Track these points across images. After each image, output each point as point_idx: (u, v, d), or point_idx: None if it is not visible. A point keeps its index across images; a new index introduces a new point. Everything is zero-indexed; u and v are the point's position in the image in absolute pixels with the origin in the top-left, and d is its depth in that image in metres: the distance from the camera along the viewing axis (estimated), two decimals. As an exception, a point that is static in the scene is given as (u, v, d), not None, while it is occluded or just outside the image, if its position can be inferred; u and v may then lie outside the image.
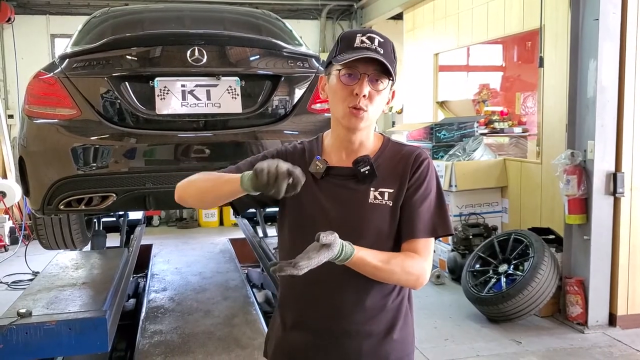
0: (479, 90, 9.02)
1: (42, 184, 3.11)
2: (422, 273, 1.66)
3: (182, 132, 3.22)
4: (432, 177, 1.71)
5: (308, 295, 1.71)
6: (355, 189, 1.68)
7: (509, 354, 4.33)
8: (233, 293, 4.40)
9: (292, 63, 3.40)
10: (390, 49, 1.64)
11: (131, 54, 3.21)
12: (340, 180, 1.69)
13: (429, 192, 1.69)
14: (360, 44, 1.61)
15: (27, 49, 8.87)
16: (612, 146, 4.67)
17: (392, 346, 1.71)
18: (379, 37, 1.63)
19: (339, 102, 1.64)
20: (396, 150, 1.73)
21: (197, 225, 9.44)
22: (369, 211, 1.66)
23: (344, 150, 1.72)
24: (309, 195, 1.68)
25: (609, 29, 4.56)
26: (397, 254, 1.66)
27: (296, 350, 1.75)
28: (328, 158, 1.72)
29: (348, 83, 1.62)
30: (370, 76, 1.61)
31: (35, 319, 2.72)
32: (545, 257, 4.77)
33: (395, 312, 1.73)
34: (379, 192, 1.67)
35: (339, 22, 10.43)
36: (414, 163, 1.69)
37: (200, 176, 1.76)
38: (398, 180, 1.68)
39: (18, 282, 6.20)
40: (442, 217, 1.71)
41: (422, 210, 1.67)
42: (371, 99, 1.62)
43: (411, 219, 1.67)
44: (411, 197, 1.67)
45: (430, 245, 1.71)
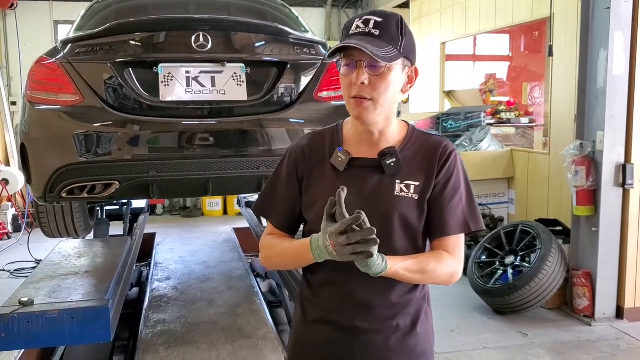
0: (485, 80, 8.96)
1: (44, 171, 3.07)
2: (455, 271, 1.63)
3: (187, 120, 3.17)
4: (460, 170, 1.65)
5: (334, 291, 1.66)
6: (380, 182, 1.61)
7: (515, 346, 4.30)
8: (237, 282, 4.37)
9: (299, 50, 3.35)
10: (394, 26, 1.55)
11: (135, 39, 3.16)
12: (364, 172, 1.63)
13: (458, 186, 1.63)
14: (355, 30, 1.55)
15: (30, 35, 8.83)
16: (622, 137, 4.61)
17: (417, 339, 1.67)
18: (377, 18, 1.54)
19: (344, 92, 1.60)
20: (422, 141, 1.66)
21: (201, 214, 9.43)
22: (394, 204, 1.59)
23: (365, 141, 1.65)
24: (331, 188, 1.60)
25: (620, 17, 4.49)
26: (428, 256, 1.61)
27: (319, 345, 1.70)
28: (349, 148, 1.66)
29: (347, 73, 1.57)
30: (366, 62, 1.53)
31: (38, 307, 2.68)
32: (552, 249, 4.73)
33: (419, 305, 1.69)
34: (404, 184, 1.60)
35: (344, 10, 10.37)
36: (442, 156, 1.63)
37: (275, 255, 1.74)
38: (424, 172, 1.62)
39: (20, 270, 6.20)
40: (473, 211, 1.66)
41: (452, 205, 1.62)
42: (373, 85, 1.54)
43: (442, 216, 1.62)
44: (441, 193, 1.62)
45: (461, 241, 1.66)
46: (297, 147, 1.74)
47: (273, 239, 1.74)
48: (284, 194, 1.72)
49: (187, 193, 5.45)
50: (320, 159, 1.68)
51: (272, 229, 1.77)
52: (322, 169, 1.67)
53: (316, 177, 1.68)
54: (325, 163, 1.67)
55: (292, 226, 1.75)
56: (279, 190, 1.74)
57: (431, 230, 1.64)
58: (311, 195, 1.67)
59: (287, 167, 1.73)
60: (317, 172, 1.68)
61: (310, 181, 1.68)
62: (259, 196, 1.84)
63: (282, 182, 1.73)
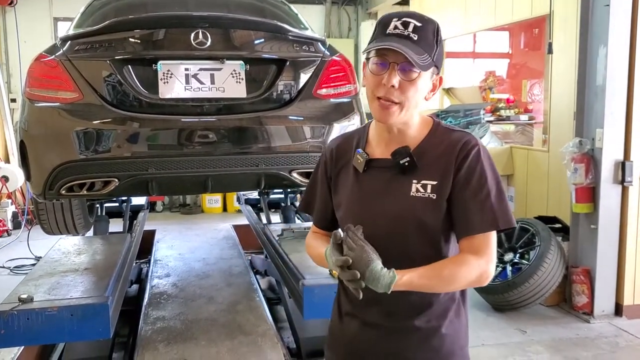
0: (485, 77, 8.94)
1: (44, 168, 3.08)
2: (483, 271, 1.53)
3: (186, 117, 3.17)
4: (485, 164, 1.56)
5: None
6: (397, 182, 1.59)
7: (514, 343, 4.31)
8: (236, 279, 4.37)
9: (298, 47, 3.35)
10: (430, 34, 1.53)
11: (134, 36, 3.16)
12: (381, 172, 1.62)
13: (483, 181, 1.54)
14: (393, 30, 1.51)
15: (29, 32, 8.81)
16: (621, 134, 4.62)
17: (442, 340, 1.63)
18: (416, 22, 1.51)
19: (369, 90, 1.56)
20: (444, 137, 1.61)
21: (200, 211, 9.43)
22: (410, 204, 1.56)
23: (384, 141, 1.64)
24: (352, 190, 1.65)
25: (619, 14, 4.49)
26: (446, 262, 1.56)
27: (350, 340, 1.73)
28: (371, 149, 1.66)
29: (377, 72, 1.53)
30: (400, 65, 1.50)
31: (37, 304, 2.69)
32: (551, 246, 4.74)
33: (446, 306, 1.64)
34: (421, 184, 1.56)
35: (344, 7, 10.36)
36: (461, 151, 1.56)
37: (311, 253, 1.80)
38: (442, 170, 1.56)
39: (20, 267, 6.20)
40: (502, 207, 1.54)
41: (476, 203, 1.53)
42: (403, 89, 1.51)
43: (465, 214, 1.55)
44: (462, 190, 1.54)
45: (490, 239, 1.55)
46: (328, 148, 1.79)
47: (312, 239, 1.81)
48: (320, 194, 1.79)
49: (187, 190, 5.44)
50: (347, 161, 1.71)
51: (314, 226, 1.85)
52: (347, 170, 1.70)
53: (342, 178, 1.72)
54: (350, 165, 1.69)
55: (329, 223, 1.79)
56: (316, 190, 1.81)
57: (455, 230, 1.59)
58: (338, 197, 1.71)
59: (321, 168, 1.79)
60: (343, 173, 1.72)
61: (337, 182, 1.73)
62: (302, 196, 1.92)
63: (318, 183, 1.80)
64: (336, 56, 3.45)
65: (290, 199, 5.41)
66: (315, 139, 3.31)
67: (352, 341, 1.73)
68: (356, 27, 10.45)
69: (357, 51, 10.31)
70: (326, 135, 3.33)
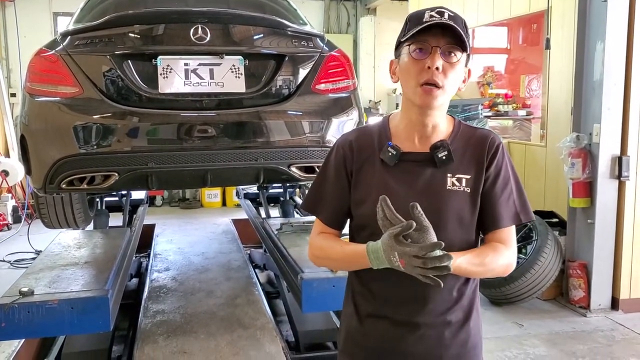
0: (483, 72, 8.95)
1: (44, 162, 3.09)
2: (510, 262, 1.63)
3: (185, 112, 3.19)
4: (508, 162, 1.65)
5: (387, 286, 1.65)
6: (431, 176, 1.61)
7: (511, 336, 4.33)
8: (235, 273, 4.40)
9: (297, 42, 3.36)
10: (462, 23, 1.56)
11: (134, 31, 3.17)
12: (414, 166, 1.62)
13: (508, 178, 1.64)
14: (429, 19, 1.53)
15: (29, 27, 8.82)
16: (618, 129, 4.64)
17: (468, 333, 1.67)
18: (449, 12, 1.55)
19: (411, 79, 1.57)
20: (469, 134, 1.67)
21: (200, 205, 9.45)
22: (447, 198, 1.59)
23: (416, 135, 1.65)
24: (381, 184, 1.62)
25: (617, 10, 4.51)
26: (486, 249, 1.61)
27: (373, 339, 1.69)
28: (399, 143, 1.64)
29: (419, 57, 1.54)
30: (442, 48, 1.53)
31: (38, 297, 2.71)
32: (548, 241, 4.76)
33: (471, 299, 1.69)
34: (456, 178, 1.60)
35: (343, 2, 10.36)
36: (490, 148, 1.63)
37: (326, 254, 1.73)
38: (474, 165, 1.62)
39: (20, 261, 6.23)
40: (523, 203, 1.65)
41: (504, 198, 1.62)
42: (445, 73, 1.54)
43: (494, 209, 1.62)
44: (492, 186, 1.62)
45: (514, 232, 1.67)
46: (345, 142, 1.72)
47: (324, 240, 1.73)
48: (332, 191, 1.72)
49: (186, 184, 5.46)
50: (370, 155, 1.67)
51: (321, 226, 1.76)
52: (372, 164, 1.66)
53: (366, 173, 1.67)
54: (375, 159, 1.66)
55: (341, 222, 1.75)
56: (326, 187, 1.73)
57: (485, 223, 1.64)
58: (361, 192, 1.66)
59: (335, 164, 1.72)
60: (366, 168, 1.67)
61: (359, 177, 1.68)
62: (307, 194, 1.83)
63: (329, 179, 1.73)
64: (335, 51, 3.46)
65: (289, 193, 5.44)
66: (314, 134, 3.32)
67: (376, 342, 1.69)
68: (355, 22, 10.45)
69: (355, 46, 10.32)
70: (325, 130, 3.34)
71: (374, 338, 1.69)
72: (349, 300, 1.78)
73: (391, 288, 1.64)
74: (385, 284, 1.64)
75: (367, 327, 1.71)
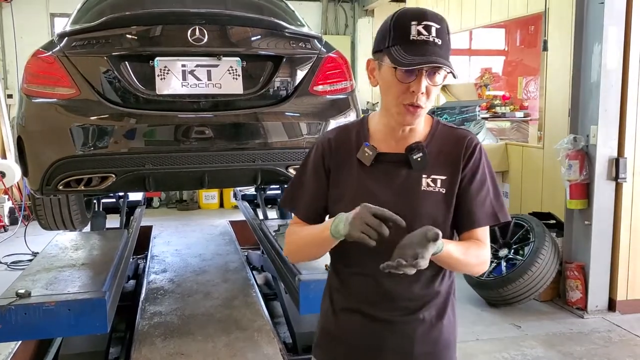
0: (481, 74, 8.96)
1: (41, 164, 3.09)
2: (487, 260, 1.67)
3: (183, 113, 3.19)
4: (485, 163, 1.66)
5: (362, 282, 1.66)
6: (407, 176, 1.62)
7: (508, 338, 4.34)
8: (233, 275, 4.40)
9: (294, 44, 3.37)
10: (447, 34, 1.54)
11: (131, 32, 3.17)
12: (390, 167, 1.63)
13: (484, 178, 1.64)
14: (417, 36, 1.50)
15: (26, 28, 8.81)
16: (615, 131, 4.64)
17: (441, 331, 1.69)
18: (435, 24, 1.52)
19: (394, 97, 1.56)
20: (446, 134, 1.67)
21: (197, 207, 9.44)
22: (422, 199, 1.60)
23: (393, 137, 1.65)
24: (358, 183, 1.63)
25: (614, 12, 4.52)
26: (469, 243, 1.63)
27: (347, 334, 1.71)
28: (376, 143, 1.65)
29: (404, 80, 1.52)
30: (427, 71, 1.52)
31: (35, 299, 2.71)
32: (545, 242, 4.77)
33: (446, 297, 1.70)
34: (431, 179, 1.61)
35: (340, 4, 10.37)
36: (467, 149, 1.64)
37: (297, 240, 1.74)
38: (450, 166, 1.63)
39: (17, 263, 6.21)
40: (500, 203, 1.67)
41: (480, 198, 1.63)
42: (428, 94, 1.54)
43: (470, 209, 1.63)
44: (468, 186, 1.63)
45: (488, 231, 1.68)
46: (324, 140, 1.74)
47: (297, 227, 1.75)
48: (310, 187, 1.73)
49: (183, 186, 5.46)
50: (347, 153, 1.68)
51: (298, 222, 1.77)
52: (349, 163, 1.67)
53: (343, 171, 1.68)
54: (352, 158, 1.67)
55: (318, 219, 1.73)
56: (305, 183, 1.74)
57: (460, 222, 1.65)
58: (338, 190, 1.67)
59: (313, 160, 1.73)
60: (344, 166, 1.68)
61: (337, 175, 1.69)
62: (285, 191, 1.84)
63: (308, 175, 1.73)
64: (332, 53, 3.47)
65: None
66: (312, 135, 3.32)
67: (350, 336, 1.71)
68: (353, 24, 10.46)
69: (353, 48, 10.33)
70: (322, 132, 3.34)
71: (348, 332, 1.71)
72: (325, 297, 1.81)
73: (366, 284, 1.65)
74: (363, 280, 1.66)
75: (341, 321, 1.73)
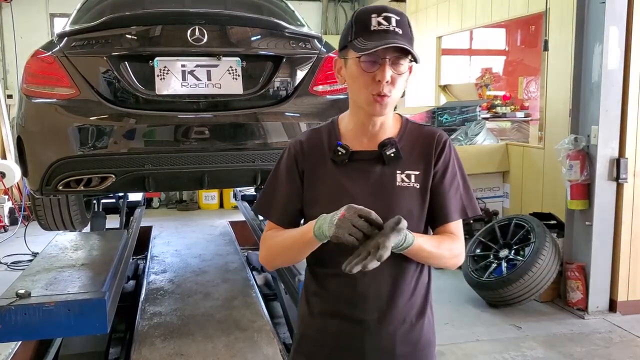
0: (481, 74, 8.97)
1: (41, 164, 3.08)
2: (461, 253, 1.69)
3: (182, 113, 3.18)
4: (455, 158, 1.69)
5: (341, 284, 1.65)
6: (381, 173, 1.63)
7: (509, 338, 4.33)
8: (233, 276, 4.39)
9: (294, 44, 3.36)
10: (407, 25, 1.57)
11: (131, 33, 3.17)
12: (364, 164, 1.65)
13: (455, 173, 1.68)
14: (377, 27, 1.53)
15: (26, 28, 8.81)
16: (616, 131, 4.63)
17: (421, 331, 1.70)
18: (395, 16, 1.55)
19: (361, 89, 1.58)
20: (416, 131, 1.70)
21: (197, 207, 9.44)
22: (397, 194, 1.62)
23: (365, 134, 1.67)
24: (334, 183, 1.64)
25: (615, 12, 4.50)
26: (443, 236, 1.66)
27: (326, 337, 1.71)
28: (348, 142, 1.66)
29: (369, 70, 1.55)
30: (391, 60, 1.54)
31: (34, 299, 2.70)
32: (546, 243, 4.76)
33: (424, 297, 1.71)
34: (405, 174, 1.63)
35: (341, 4, 10.36)
36: (437, 145, 1.66)
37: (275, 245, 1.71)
38: (423, 162, 1.65)
39: (17, 263, 6.21)
40: (469, 197, 1.70)
41: (452, 192, 1.66)
42: (394, 82, 1.56)
43: (442, 203, 1.66)
44: (440, 181, 1.66)
45: (461, 225, 1.71)
46: (295, 143, 1.74)
47: (273, 232, 1.73)
48: (284, 191, 1.72)
49: (183, 186, 5.45)
50: (320, 155, 1.69)
51: (272, 226, 1.75)
52: (323, 165, 1.67)
53: (318, 173, 1.68)
54: (325, 159, 1.67)
55: (293, 222, 1.73)
56: (278, 188, 1.73)
57: (434, 217, 1.68)
58: (313, 192, 1.67)
59: (286, 164, 1.73)
60: (317, 168, 1.68)
61: (311, 177, 1.69)
62: (259, 196, 1.84)
63: (281, 179, 1.73)
64: (332, 53, 3.46)
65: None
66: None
67: (330, 340, 1.70)
68: (353, 23, 10.44)
69: (353, 48, 10.30)
70: None
71: (328, 335, 1.71)
72: (302, 301, 1.80)
73: (345, 286, 1.65)
74: (341, 282, 1.65)
75: (321, 325, 1.72)
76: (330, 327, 1.70)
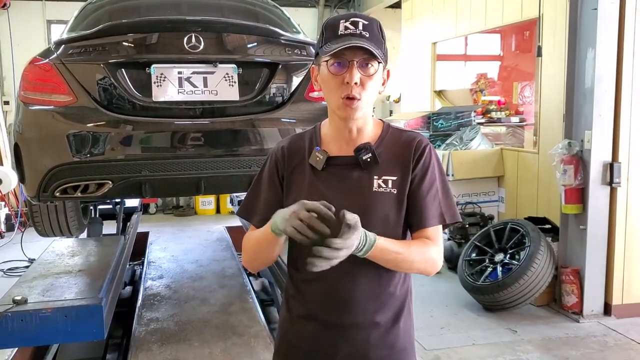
0: (476, 79, 9.00)
1: (38, 170, 3.09)
2: (437, 259, 1.67)
3: (179, 120, 3.20)
4: (435, 164, 1.69)
5: (317, 288, 1.68)
6: (358, 178, 1.65)
7: (504, 342, 4.35)
8: (229, 281, 4.39)
9: (290, 51, 3.38)
10: (377, 29, 1.60)
11: (127, 40, 3.19)
12: (342, 170, 1.66)
13: (434, 179, 1.67)
14: (344, 31, 1.57)
15: (23, 35, 8.81)
16: (609, 136, 4.67)
17: (397, 335, 1.70)
18: (363, 20, 1.58)
19: (332, 92, 1.62)
20: (397, 137, 1.71)
21: (193, 213, 9.44)
22: (374, 200, 1.63)
23: (343, 140, 1.69)
24: (310, 188, 1.66)
25: (607, 18, 4.55)
26: (414, 241, 1.66)
27: (304, 340, 1.73)
28: (327, 148, 1.69)
29: (337, 72, 1.59)
30: (359, 62, 1.57)
31: (31, 306, 2.70)
32: (541, 247, 4.79)
33: (402, 301, 1.72)
34: (382, 180, 1.64)
35: (337, 10, 10.39)
36: (416, 150, 1.66)
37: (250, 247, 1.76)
38: (401, 167, 1.65)
39: (14, 269, 6.21)
40: (448, 203, 1.69)
41: (430, 198, 1.65)
42: (363, 85, 1.58)
43: (420, 209, 1.65)
44: (418, 186, 1.65)
45: (440, 231, 1.70)
46: (277, 149, 1.78)
47: (250, 233, 1.77)
48: (265, 196, 1.75)
49: (180, 192, 5.46)
50: (300, 160, 1.72)
51: (253, 230, 1.77)
52: (302, 170, 1.70)
53: (296, 178, 1.71)
54: (305, 164, 1.70)
55: None
56: (260, 193, 1.76)
57: (411, 222, 1.67)
58: (292, 196, 1.68)
59: (268, 169, 1.77)
60: (296, 173, 1.71)
61: (290, 182, 1.72)
62: (243, 200, 1.86)
63: (264, 184, 1.76)
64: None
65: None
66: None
67: (307, 343, 1.72)
68: (349, 29, 10.46)
69: (349, 53, 10.32)
70: None
71: (304, 339, 1.73)
72: (283, 305, 1.83)
73: (321, 290, 1.67)
74: (315, 286, 1.68)
75: (298, 328, 1.74)
76: (306, 330, 1.72)
